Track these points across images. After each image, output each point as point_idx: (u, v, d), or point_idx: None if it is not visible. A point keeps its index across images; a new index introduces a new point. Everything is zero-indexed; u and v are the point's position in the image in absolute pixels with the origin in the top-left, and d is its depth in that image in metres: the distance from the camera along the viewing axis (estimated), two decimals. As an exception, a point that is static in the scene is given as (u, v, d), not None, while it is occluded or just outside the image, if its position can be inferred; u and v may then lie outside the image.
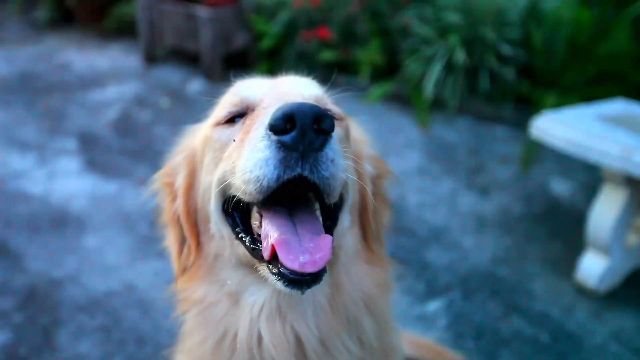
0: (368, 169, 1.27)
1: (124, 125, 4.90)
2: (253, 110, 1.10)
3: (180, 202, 1.21)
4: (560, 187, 4.01)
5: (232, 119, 1.14)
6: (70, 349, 2.46)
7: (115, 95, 5.57)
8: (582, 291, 2.91)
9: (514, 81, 4.96)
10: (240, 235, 1.08)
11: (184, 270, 1.23)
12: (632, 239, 2.99)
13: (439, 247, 3.30)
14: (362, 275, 1.18)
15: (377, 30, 5.72)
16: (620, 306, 2.82)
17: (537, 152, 4.18)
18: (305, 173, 0.88)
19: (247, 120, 1.06)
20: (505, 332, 2.65)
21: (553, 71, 4.91)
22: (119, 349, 2.46)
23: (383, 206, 1.31)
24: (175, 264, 1.26)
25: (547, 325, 2.69)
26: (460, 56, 4.91)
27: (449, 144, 4.72)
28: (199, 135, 1.25)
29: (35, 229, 3.36)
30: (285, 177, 0.88)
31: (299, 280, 0.90)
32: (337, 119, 1.14)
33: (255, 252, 1.03)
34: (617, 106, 3.22)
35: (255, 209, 1.04)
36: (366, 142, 1.33)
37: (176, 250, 1.25)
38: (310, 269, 0.89)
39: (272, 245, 0.92)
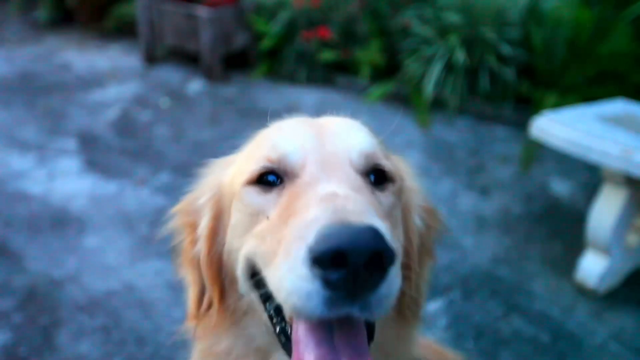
0: (417, 222, 1.14)
1: (124, 125, 4.90)
2: (292, 177, 0.95)
3: (202, 251, 1.08)
4: (560, 187, 4.01)
5: (265, 179, 0.98)
6: (70, 349, 2.46)
7: (115, 95, 5.57)
8: (582, 291, 2.91)
9: (514, 81, 4.96)
10: (270, 314, 0.98)
11: (199, 315, 1.13)
12: (632, 239, 2.99)
13: (439, 247, 3.28)
14: (387, 334, 1.08)
15: (377, 30, 5.72)
16: (620, 306, 2.82)
17: (537, 152, 4.18)
18: (355, 314, 0.75)
19: (285, 194, 0.93)
20: (505, 332, 2.64)
21: (553, 71, 4.91)
22: (119, 349, 2.46)
23: (428, 260, 1.19)
24: (191, 307, 1.15)
25: (547, 325, 2.69)
26: (460, 56, 4.91)
27: (449, 144, 4.72)
28: (227, 178, 1.10)
29: (35, 229, 3.36)
30: (329, 315, 0.75)
31: None
32: (389, 180, 1.02)
33: (286, 348, 0.95)
34: (617, 106, 3.22)
35: None
36: (417, 190, 1.17)
37: (195, 294, 1.13)
38: None
39: None
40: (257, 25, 6.01)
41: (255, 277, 0.96)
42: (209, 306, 1.11)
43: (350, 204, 0.79)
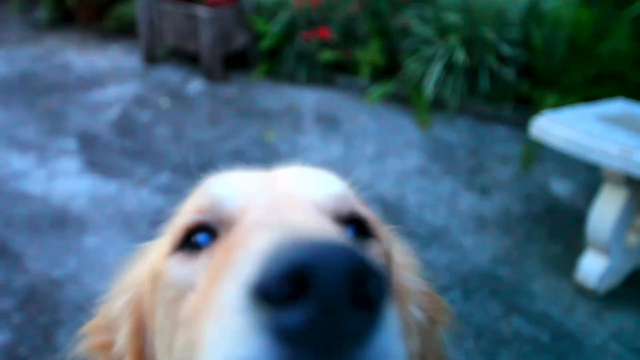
0: (415, 313, 0.79)
1: (124, 125, 4.90)
2: (229, 224, 0.63)
3: None
4: (560, 187, 4.01)
5: (194, 240, 0.66)
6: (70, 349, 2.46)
7: (115, 95, 5.57)
8: (582, 291, 2.91)
9: (514, 81, 4.96)
10: None
11: None
12: (632, 239, 2.99)
13: (439, 247, 3.30)
14: None
15: (377, 30, 5.72)
16: (620, 306, 2.82)
17: (537, 152, 4.18)
18: None
19: (217, 250, 0.61)
20: (505, 332, 2.64)
21: (553, 71, 4.91)
22: None
23: None
24: None
25: (547, 325, 2.69)
26: (460, 56, 4.91)
27: (449, 144, 4.72)
28: (147, 267, 0.76)
29: (35, 229, 3.36)
30: None
31: None
32: (372, 235, 0.71)
33: None
34: (617, 106, 3.22)
35: None
36: (412, 266, 0.84)
37: None
38: None
39: None
40: (257, 25, 6.01)
41: None
42: None
43: (308, 225, 0.53)
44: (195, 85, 5.90)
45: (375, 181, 4.06)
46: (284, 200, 0.64)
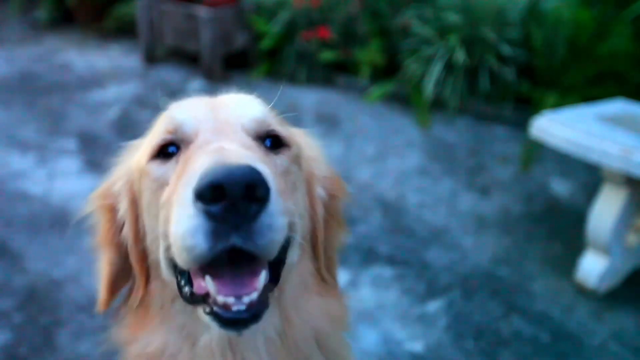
0: (320, 192, 1.15)
1: (124, 125, 4.90)
2: (187, 144, 0.99)
3: (129, 238, 1.08)
4: (560, 187, 4.01)
5: (165, 151, 1.02)
6: (70, 349, 2.46)
7: (115, 95, 5.57)
8: (582, 291, 2.91)
9: (514, 81, 4.96)
10: (181, 285, 0.98)
11: (108, 301, 1.14)
12: (632, 239, 2.99)
13: (439, 247, 3.30)
14: (313, 309, 1.09)
15: (377, 30, 5.72)
16: (620, 306, 2.82)
17: (537, 152, 4.18)
18: (239, 243, 0.79)
19: (181, 159, 0.97)
20: (505, 332, 2.65)
21: (553, 71, 4.91)
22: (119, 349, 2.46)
23: (337, 228, 1.18)
24: (103, 291, 1.13)
25: (547, 325, 2.69)
26: (460, 56, 4.91)
27: (449, 144, 4.72)
28: (135, 160, 1.11)
29: (35, 229, 3.36)
30: (218, 248, 0.79)
31: (235, 320, 0.84)
32: (285, 145, 1.05)
33: (187, 298, 0.96)
34: (617, 106, 3.22)
35: None
36: (320, 159, 1.18)
37: (108, 276, 1.11)
38: (239, 293, 0.84)
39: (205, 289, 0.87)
40: (257, 25, 6.01)
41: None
42: (135, 297, 1.09)
43: (234, 153, 0.85)
44: (195, 85, 5.90)
45: (375, 181, 4.06)
46: (222, 125, 0.99)
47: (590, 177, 3.97)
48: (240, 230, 0.79)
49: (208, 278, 0.85)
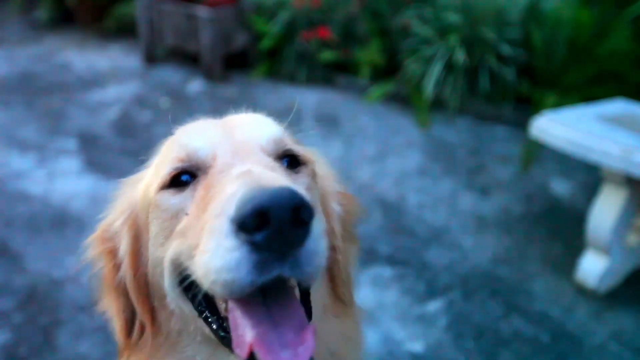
0: (336, 208, 1.13)
1: (124, 125, 4.90)
2: (204, 170, 0.94)
3: (127, 276, 1.03)
4: (560, 187, 4.01)
5: (178, 179, 0.96)
6: (70, 349, 2.46)
7: (115, 95, 5.57)
8: (582, 291, 2.91)
9: (514, 81, 4.96)
10: (204, 316, 0.94)
11: (130, 346, 1.07)
12: (632, 239, 2.99)
13: (439, 247, 3.30)
14: (330, 331, 1.06)
15: (377, 30, 5.72)
16: (620, 306, 2.82)
17: (537, 152, 4.18)
18: (286, 274, 0.74)
19: (200, 188, 0.91)
20: (505, 332, 2.65)
21: (553, 71, 4.91)
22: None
23: (351, 245, 1.16)
24: (120, 339, 1.08)
25: (547, 325, 2.69)
26: (460, 56, 4.91)
27: (449, 144, 4.72)
28: (139, 193, 1.07)
29: (35, 229, 3.36)
30: (261, 281, 0.73)
31: None
32: (302, 163, 1.02)
33: (226, 341, 0.90)
34: (617, 106, 3.22)
35: None
36: (332, 177, 1.16)
37: (122, 324, 1.06)
38: None
39: (250, 345, 0.80)
40: (257, 25, 6.01)
41: (184, 281, 0.91)
42: (141, 333, 1.05)
43: (266, 176, 0.80)
44: (195, 85, 5.90)
45: (375, 181, 4.06)
46: (239, 147, 0.94)
47: (590, 177, 3.97)
48: (286, 258, 0.73)
49: (254, 335, 0.79)
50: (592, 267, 2.89)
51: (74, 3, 7.47)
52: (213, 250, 0.75)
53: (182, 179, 0.96)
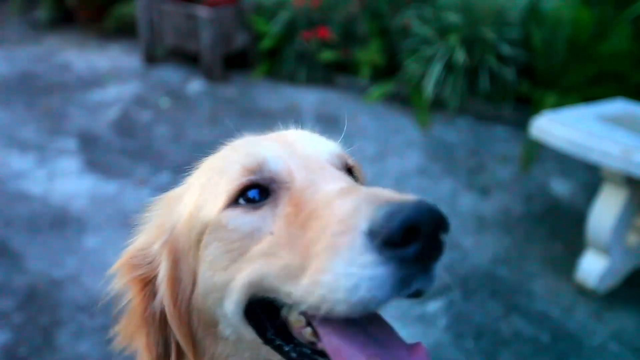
0: None
1: (124, 125, 4.90)
2: (281, 182, 0.87)
3: (168, 305, 0.94)
4: (560, 187, 4.01)
5: (246, 195, 0.88)
6: (70, 349, 2.46)
7: (115, 95, 5.57)
8: (582, 291, 2.91)
9: (514, 81, 4.96)
10: (277, 344, 0.88)
11: None
12: (632, 239, 2.99)
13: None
14: None
15: (377, 30, 5.72)
16: (620, 306, 2.82)
17: (537, 152, 4.18)
18: (423, 287, 0.74)
19: (284, 204, 0.85)
20: (505, 332, 2.64)
21: (553, 71, 4.91)
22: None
23: None
24: None
25: (547, 325, 2.69)
26: (460, 56, 4.91)
27: (449, 144, 4.72)
28: (182, 213, 0.97)
29: (35, 229, 3.36)
30: (401, 296, 0.72)
31: None
32: (354, 174, 1.03)
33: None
34: (617, 106, 3.22)
35: (296, 312, 0.84)
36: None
37: (154, 357, 0.98)
38: None
39: None
40: (257, 25, 6.01)
41: (251, 306, 0.87)
42: None
43: (375, 191, 0.77)
44: (195, 85, 5.90)
45: (375, 181, 4.04)
46: (309, 162, 0.90)
47: (590, 177, 3.97)
48: (427, 272, 0.72)
49: (368, 358, 0.75)
50: (592, 267, 2.89)
51: (74, 3, 7.47)
52: (343, 269, 0.70)
53: (250, 195, 0.88)
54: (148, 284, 0.97)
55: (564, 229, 3.46)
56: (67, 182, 3.93)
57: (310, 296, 0.74)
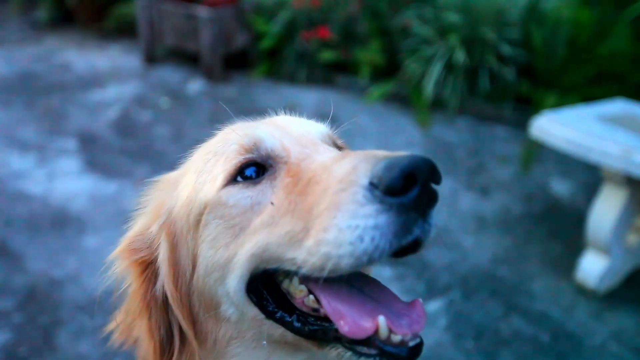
0: None
1: (124, 125, 4.90)
2: (278, 158, 0.91)
3: (169, 287, 0.94)
4: (560, 187, 4.01)
5: (243, 174, 0.91)
6: (70, 349, 2.46)
7: (115, 95, 5.57)
8: (582, 291, 2.91)
9: (514, 81, 4.96)
10: (279, 316, 0.88)
11: None
12: (632, 239, 2.99)
13: (439, 247, 3.30)
14: None
15: (377, 30, 5.72)
16: (620, 306, 2.82)
17: (537, 152, 4.18)
18: (419, 234, 0.77)
19: (282, 176, 0.88)
20: (505, 332, 2.64)
21: (553, 71, 4.91)
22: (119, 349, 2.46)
23: None
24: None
25: (547, 325, 2.69)
26: (460, 56, 4.91)
27: (449, 144, 4.72)
28: (180, 196, 0.98)
29: (35, 229, 3.36)
30: (403, 243, 0.75)
31: (406, 357, 0.78)
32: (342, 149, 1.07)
33: (319, 333, 0.85)
34: (617, 106, 3.22)
35: (296, 281, 0.86)
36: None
37: (156, 343, 0.96)
38: (418, 329, 0.79)
39: (376, 321, 0.77)
40: (257, 25, 6.01)
41: (254, 282, 0.88)
42: (183, 348, 0.97)
43: (369, 152, 0.82)
44: (195, 85, 5.90)
45: (375, 181, 4.06)
46: (302, 140, 0.94)
47: (590, 177, 3.97)
48: (425, 217, 0.77)
49: (382, 319, 0.77)
50: (592, 267, 2.89)
51: (73, 3, 7.47)
52: (347, 222, 0.74)
53: (247, 173, 0.91)
54: (148, 267, 0.97)
55: (564, 229, 3.46)
56: (67, 182, 3.93)
57: (314, 256, 0.76)
